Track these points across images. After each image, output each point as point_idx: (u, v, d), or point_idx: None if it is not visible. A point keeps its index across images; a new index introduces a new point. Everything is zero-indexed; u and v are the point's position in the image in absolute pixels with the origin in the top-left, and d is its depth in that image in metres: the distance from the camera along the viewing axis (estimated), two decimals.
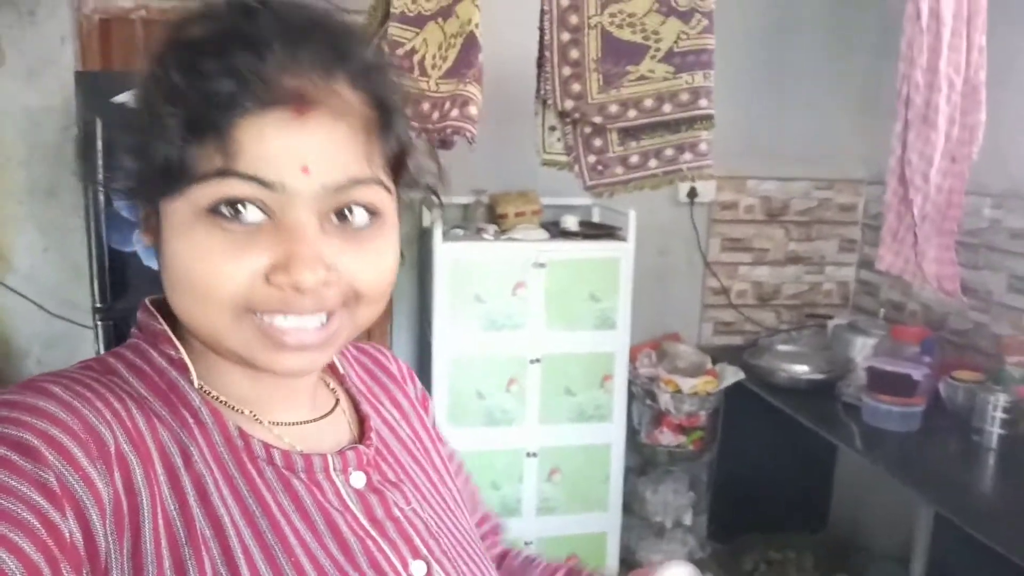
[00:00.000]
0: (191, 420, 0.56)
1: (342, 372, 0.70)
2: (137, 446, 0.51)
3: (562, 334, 2.39)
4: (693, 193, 2.83)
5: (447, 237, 2.31)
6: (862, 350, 2.52)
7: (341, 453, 0.61)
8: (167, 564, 0.49)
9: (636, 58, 1.83)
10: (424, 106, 1.70)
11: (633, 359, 2.63)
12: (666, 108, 1.84)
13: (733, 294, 3.00)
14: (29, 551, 0.43)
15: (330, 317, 0.55)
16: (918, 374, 2.18)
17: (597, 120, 1.87)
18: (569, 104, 1.87)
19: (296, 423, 0.61)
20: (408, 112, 0.59)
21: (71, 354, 2.45)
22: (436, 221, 2.22)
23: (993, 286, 2.41)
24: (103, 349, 2.04)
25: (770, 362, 2.58)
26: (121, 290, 2.04)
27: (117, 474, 0.49)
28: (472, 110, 1.68)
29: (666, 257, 2.91)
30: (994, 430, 2.06)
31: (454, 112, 1.64)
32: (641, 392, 2.65)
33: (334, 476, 0.60)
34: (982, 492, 1.97)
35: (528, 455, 2.42)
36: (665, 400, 2.59)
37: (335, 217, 0.53)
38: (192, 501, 0.52)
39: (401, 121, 0.57)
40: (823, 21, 2.86)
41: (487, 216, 2.51)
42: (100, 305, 2.03)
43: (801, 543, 2.81)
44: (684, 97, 1.84)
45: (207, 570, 0.50)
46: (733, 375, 2.61)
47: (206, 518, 0.52)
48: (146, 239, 0.57)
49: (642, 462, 2.78)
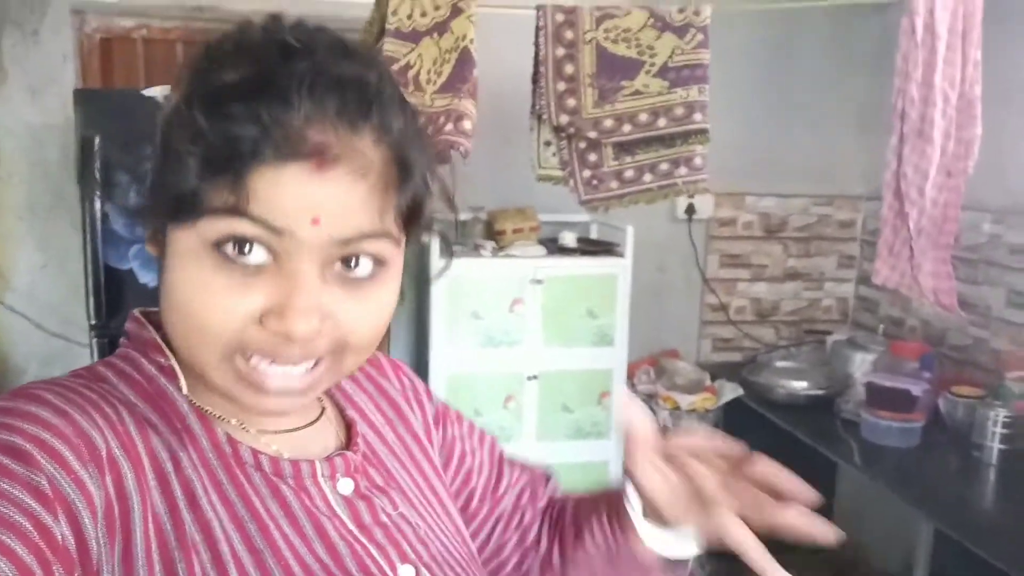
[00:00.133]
0: (180, 426, 0.56)
1: None
2: (128, 450, 0.51)
3: (559, 351, 2.38)
4: (691, 209, 2.84)
5: (441, 248, 2.30)
6: (861, 366, 2.51)
7: (329, 459, 0.61)
8: (157, 568, 0.49)
9: (631, 73, 1.84)
10: None
11: (631, 376, 2.63)
12: (661, 122, 1.85)
13: (732, 310, 2.99)
14: (21, 553, 0.43)
15: (316, 363, 0.55)
16: (917, 390, 2.17)
17: (592, 135, 1.87)
18: (564, 119, 1.88)
19: (283, 431, 0.61)
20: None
21: (69, 369, 2.44)
22: (433, 239, 2.22)
23: (992, 301, 2.40)
24: None
25: (769, 378, 2.57)
26: (117, 308, 2.04)
27: (109, 478, 0.49)
28: (466, 124, 1.68)
29: (664, 273, 2.91)
30: (994, 445, 2.05)
31: (448, 127, 1.65)
32: None
33: (322, 482, 0.60)
34: (982, 507, 1.95)
35: None
36: (664, 417, 2.57)
37: (340, 263, 0.53)
38: (182, 506, 0.52)
39: (420, 177, 0.56)
40: (822, 39, 2.87)
41: (485, 233, 2.52)
42: (96, 322, 2.04)
43: (803, 562, 2.77)
44: (679, 111, 1.84)
45: (197, 573, 0.50)
46: (732, 392, 2.60)
47: (195, 523, 0.52)
48: (151, 249, 0.57)
49: None
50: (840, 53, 2.88)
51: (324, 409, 0.67)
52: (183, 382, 0.57)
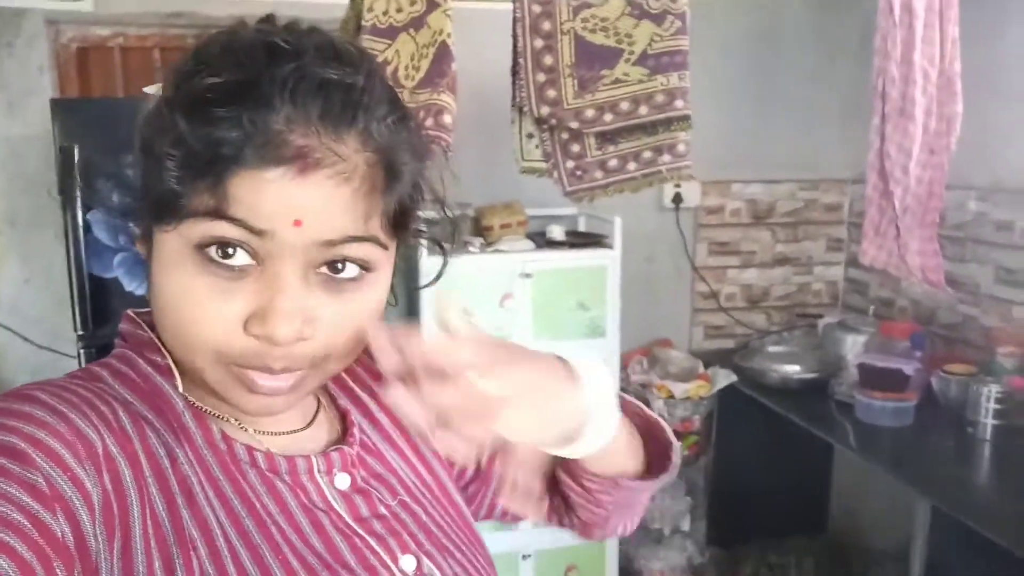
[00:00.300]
0: (176, 424, 0.56)
1: None
2: (124, 448, 0.52)
3: (551, 344, 2.37)
4: (678, 198, 2.83)
5: (432, 251, 2.29)
6: (853, 348, 2.51)
7: (325, 455, 0.61)
8: (157, 564, 0.50)
9: (610, 62, 1.83)
10: None
11: (625, 366, 2.62)
12: (642, 110, 1.84)
13: (722, 297, 2.99)
14: (22, 551, 0.43)
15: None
16: (909, 369, 2.17)
17: (574, 125, 1.87)
18: (545, 110, 1.87)
19: (281, 433, 0.62)
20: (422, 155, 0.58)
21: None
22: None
23: (981, 279, 2.41)
24: None
25: (762, 363, 2.57)
26: (103, 318, 2.02)
27: (106, 475, 0.49)
28: (447, 119, 1.68)
29: (653, 263, 2.91)
30: (987, 421, 2.06)
31: (428, 121, 1.64)
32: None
33: (318, 477, 0.60)
34: (978, 484, 1.96)
35: None
36: (658, 406, 2.57)
37: (325, 267, 0.53)
38: (180, 502, 0.53)
39: (410, 181, 0.56)
40: (805, 25, 2.88)
41: (473, 229, 2.51)
42: (82, 333, 2.02)
43: (801, 546, 2.78)
44: (660, 99, 1.84)
45: (195, 570, 0.50)
46: (725, 378, 2.60)
47: (193, 519, 0.52)
48: (141, 249, 0.58)
49: None
50: (823, 38, 2.88)
51: (320, 405, 0.67)
52: (179, 380, 0.58)
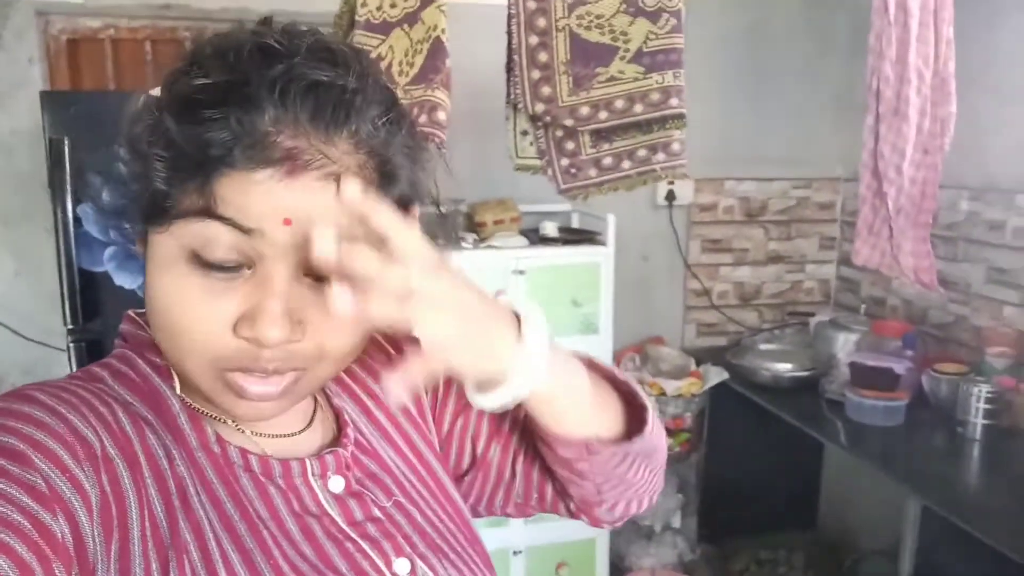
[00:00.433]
0: (172, 425, 0.56)
1: None
2: (123, 448, 0.52)
3: None
4: (672, 196, 2.83)
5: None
6: (844, 346, 2.52)
7: (320, 457, 0.61)
8: (154, 567, 0.50)
9: (605, 59, 1.83)
10: None
11: (617, 363, 2.62)
12: (637, 108, 1.84)
13: (715, 295, 3.00)
14: (21, 551, 0.43)
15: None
16: (900, 368, 2.18)
17: (568, 123, 1.86)
18: (540, 108, 1.86)
19: (278, 436, 0.61)
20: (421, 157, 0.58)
21: (48, 377, 2.42)
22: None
23: (972, 278, 2.42)
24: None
25: (753, 361, 2.58)
26: (94, 312, 2.01)
27: (104, 476, 0.49)
28: (440, 115, 1.67)
29: (647, 260, 2.91)
30: (978, 421, 2.07)
31: (422, 118, 1.64)
32: None
33: (312, 481, 0.60)
34: (968, 483, 1.97)
35: None
36: (650, 404, 2.57)
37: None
38: (176, 503, 0.53)
39: (406, 182, 0.56)
40: (798, 22, 2.88)
41: (466, 225, 2.50)
42: (72, 327, 2.00)
43: (791, 542, 2.80)
44: (655, 97, 1.83)
45: (187, 571, 0.51)
46: (717, 376, 2.60)
47: (187, 521, 0.52)
48: (139, 251, 0.58)
49: None
50: (816, 36, 2.88)
51: (317, 406, 0.66)
52: (176, 381, 0.58)
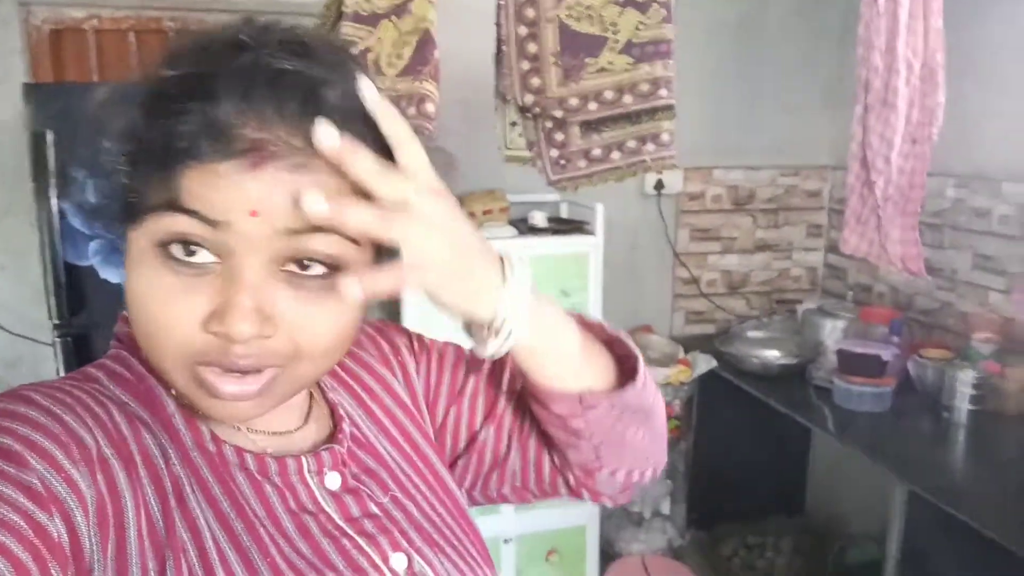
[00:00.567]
0: (167, 425, 0.56)
1: None
2: (119, 449, 0.51)
3: None
4: (660, 185, 2.84)
5: None
6: (832, 333, 2.54)
7: (316, 454, 0.61)
8: (151, 566, 0.50)
9: (595, 50, 1.82)
10: None
11: None
12: (627, 99, 1.83)
13: (703, 283, 3.01)
14: (17, 551, 0.43)
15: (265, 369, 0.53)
16: (887, 355, 2.20)
17: (558, 114, 1.86)
18: (529, 99, 1.85)
19: (273, 433, 0.61)
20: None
21: (34, 373, 2.40)
22: None
23: (958, 265, 2.44)
24: (63, 366, 2.00)
25: (741, 349, 2.59)
26: (79, 306, 1.99)
27: (100, 476, 0.49)
28: (429, 107, 1.66)
29: (635, 250, 2.91)
30: (963, 406, 2.09)
31: (411, 110, 1.62)
32: None
33: (308, 478, 0.60)
34: (954, 468, 1.99)
35: None
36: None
37: (294, 265, 0.51)
38: (172, 503, 0.53)
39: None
40: (787, 12, 2.88)
41: None
42: (58, 321, 1.99)
43: (780, 527, 2.83)
44: (644, 88, 1.83)
45: (184, 571, 0.51)
46: (705, 363, 2.62)
47: (183, 520, 0.52)
48: (123, 250, 0.57)
49: None
50: (805, 24, 2.89)
51: (313, 402, 0.66)
52: None
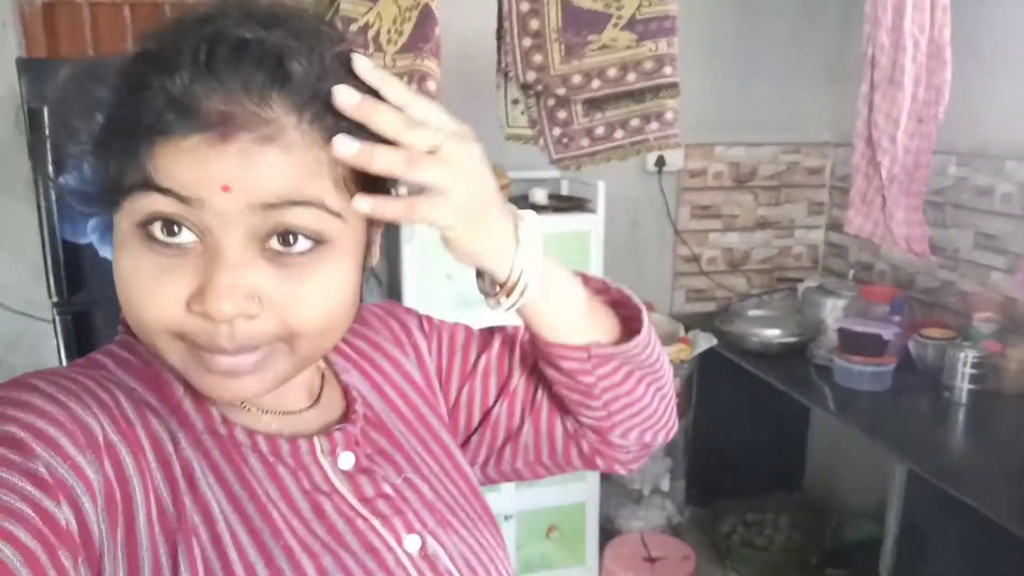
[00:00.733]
0: (176, 409, 0.56)
1: None
2: (126, 435, 0.51)
3: None
4: (661, 162, 2.82)
5: None
6: (832, 312, 2.53)
7: (328, 435, 0.60)
8: (162, 551, 0.50)
9: (598, 27, 1.79)
10: None
11: None
12: (630, 77, 1.81)
13: (704, 261, 3.00)
14: (25, 539, 0.43)
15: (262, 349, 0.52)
16: (888, 333, 2.20)
17: (560, 92, 1.83)
18: (531, 76, 1.83)
19: (285, 413, 0.61)
20: None
21: (34, 352, 2.39)
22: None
23: (960, 244, 2.43)
24: (63, 344, 1.99)
25: (742, 327, 2.59)
26: (78, 284, 1.98)
27: (107, 462, 0.49)
28: (431, 85, 1.64)
29: (636, 227, 2.90)
30: (963, 386, 2.09)
31: (412, 88, 1.60)
32: None
33: (321, 459, 0.60)
34: (953, 447, 2.00)
35: None
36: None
37: (278, 242, 0.50)
38: (182, 487, 0.52)
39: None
40: None
41: None
42: (57, 300, 1.98)
43: (777, 504, 2.85)
44: (648, 65, 1.81)
45: (196, 555, 0.50)
46: (706, 342, 2.61)
47: (194, 504, 0.52)
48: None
49: None
50: (806, 1, 2.85)
51: (324, 381, 0.66)
52: None
